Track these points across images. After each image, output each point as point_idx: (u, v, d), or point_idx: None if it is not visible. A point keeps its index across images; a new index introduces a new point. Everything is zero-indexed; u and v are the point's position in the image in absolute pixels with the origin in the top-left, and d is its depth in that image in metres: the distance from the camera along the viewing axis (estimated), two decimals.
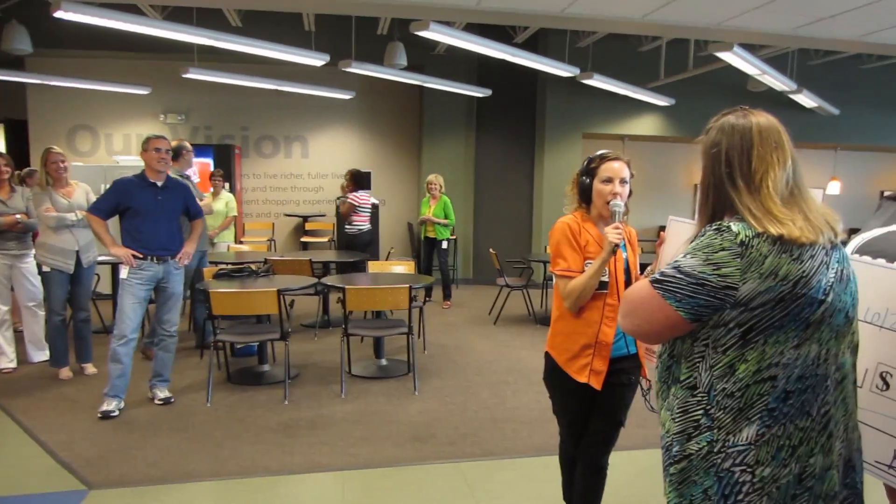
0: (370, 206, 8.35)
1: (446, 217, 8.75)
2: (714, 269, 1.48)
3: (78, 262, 5.40)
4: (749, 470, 1.50)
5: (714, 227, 1.53)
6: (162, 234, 4.82)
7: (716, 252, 1.49)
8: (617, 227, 2.58)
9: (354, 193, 8.17)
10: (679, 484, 1.58)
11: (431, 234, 8.83)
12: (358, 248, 8.19)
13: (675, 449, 1.59)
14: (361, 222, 8.24)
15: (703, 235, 1.55)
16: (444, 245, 8.86)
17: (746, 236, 1.48)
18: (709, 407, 1.54)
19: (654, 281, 1.56)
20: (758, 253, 1.46)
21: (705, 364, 1.54)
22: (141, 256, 4.72)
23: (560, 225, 2.75)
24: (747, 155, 1.56)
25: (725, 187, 1.58)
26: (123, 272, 4.71)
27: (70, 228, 5.31)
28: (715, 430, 1.53)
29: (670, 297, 1.52)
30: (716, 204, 1.61)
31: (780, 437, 1.50)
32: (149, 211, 4.76)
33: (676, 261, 1.56)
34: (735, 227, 1.50)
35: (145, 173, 4.81)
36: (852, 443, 1.65)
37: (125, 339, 4.69)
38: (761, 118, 1.60)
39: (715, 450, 1.52)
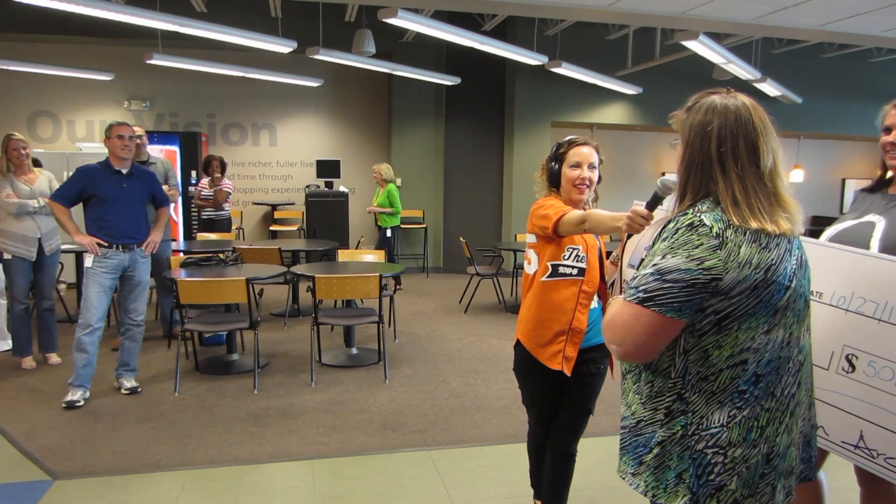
0: None
1: (391, 205, 8.69)
2: (698, 265, 1.47)
3: (40, 250, 5.32)
4: (721, 451, 1.53)
5: (686, 224, 1.51)
6: (127, 223, 4.76)
7: (695, 248, 1.48)
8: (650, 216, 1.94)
9: (225, 181, 8.33)
10: (655, 469, 1.60)
11: (379, 223, 8.83)
12: (227, 230, 8.51)
13: (647, 434, 1.61)
14: (228, 207, 8.55)
15: (675, 232, 1.52)
16: (389, 233, 8.81)
17: (720, 228, 1.49)
18: (683, 391, 1.56)
19: (643, 301, 1.51)
20: (733, 244, 1.48)
21: (680, 349, 1.56)
22: (106, 245, 4.66)
23: (538, 200, 2.76)
24: (747, 140, 1.54)
25: (712, 168, 1.55)
26: (88, 261, 4.65)
27: (32, 216, 5.22)
28: (689, 414, 1.55)
29: (668, 310, 1.49)
30: (698, 184, 1.58)
31: (750, 419, 1.54)
32: (114, 199, 4.70)
33: (655, 265, 1.52)
34: (707, 220, 1.50)
35: (109, 161, 4.75)
36: (810, 420, 1.70)
37: (90, 329, 4.64)
38: (756, 103, 1.59)
39: (689, 433, 1.55)
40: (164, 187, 5.84)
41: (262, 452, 3.95)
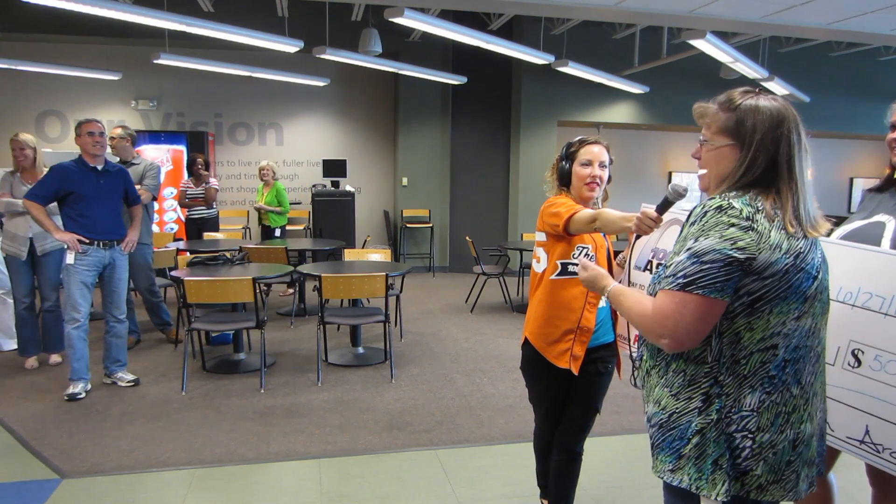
0: None
1: (280, 204, 8.65)
2: (732, 244, 1.49)
3: (33, 250, 5.30)
4: (750, 436, 1.55)
5: (715, 207, 1.53)
6: (107, 219, 4.82)
7: (727, 228, 1.50)
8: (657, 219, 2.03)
9: (211, 179, 8.33)
10: (696, 459, 1.60)
11: (266, 223, 8.77)
12: (216, 229, 8.58)
13: (682, 425, 1.61)
14: (215, 205, 8.57)
15: (703, 216, 1.54)
16: (278, 233, 8.75)
17: (749, 212, 1.51)
18: (718, 375, 1.57)
19: (684, 286, 1.51)
20: (763, 227, 1.51)
21: (716, 332, 1.57)
22: (87, 242, 4.69)
23: (549, 199, 2.76)
24: (801, 145, 1.59)
25: (776, 169, 1.57)
26: (70, 258, 4.67)
27: (24, 215, 5.17)
28: (723, 398, 1.57)
29: (711, 290, 1.50)
30: (749, 181, 1.58)
31: (779, 404, 1.56)
32: (92, 195, 4.75)
33: (689, 249, 1.53)
34: (737, 203, 1.53)
35: (83, 158, 4.78)
36: (825, 413, 1.72)
37: (78, 324, 4.72)
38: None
39: (723, 416, 1.57)
40: (136, 186, 5.83)
41: (269, 451, 3.96)
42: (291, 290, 8.68)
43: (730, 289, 1.51)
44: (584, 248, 2.67)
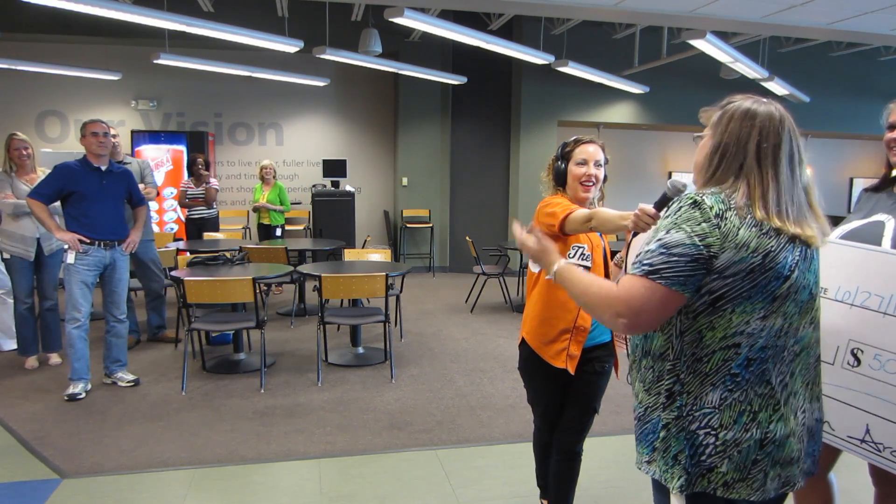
0: None
1: (281, 203, 8.75)
2: (701, 240, 1.51)
3: (39, 250, 5.32)
4: (713, 433, 1.56)
5: (689, 202, 1.55)
6: (109, 219, 4.84)
7: (698, 224, 1.52)
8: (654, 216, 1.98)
9: (212, 179, 8.37)
10: (664, 453, 1.63)
11: (266, 221, 8.82)
12: (216, 229, 8.60)
13: (654, 419, 1.65)
14: (216, 205, 8.59)
15: (678, 210, 1.56)
16: (279, 232, 8.83)
17: (720, 209, 1.53)
18: (680, 373, 1.60)
19: (648, 273, 1.53)
20: (731, 224, 1.52)
21: (676, 331, 1.59)
22: (88, 241, 4.71)
23: (545, 199, 2.76)
24: (789, 144, 1.59)
25: (745, 160, 1.58)
26: (70, 257, 4.68)
27: (30, 216, 5.17)
28: (685, 395, 1.59)
29: (674, 283, 1.51)
30: (725, 173, 1.61)
31: (742, 403, 1.56)
32: (95, 195, 4.77)
33: (660, 240, 1.55)
34: (709, 200, 1.54)
35: (87, 158, 4.82)
36: (814, 413, 1.70)
37: (79, 324, 4.73)
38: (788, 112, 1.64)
39: (685, 413, 1.59)
40: (140, 186, 5.84)
41: (269, 451, 3.96)
42: (281, 288, 8.74)
43: (693, 285, 1.53)
44: (580, 247, 2.66)
